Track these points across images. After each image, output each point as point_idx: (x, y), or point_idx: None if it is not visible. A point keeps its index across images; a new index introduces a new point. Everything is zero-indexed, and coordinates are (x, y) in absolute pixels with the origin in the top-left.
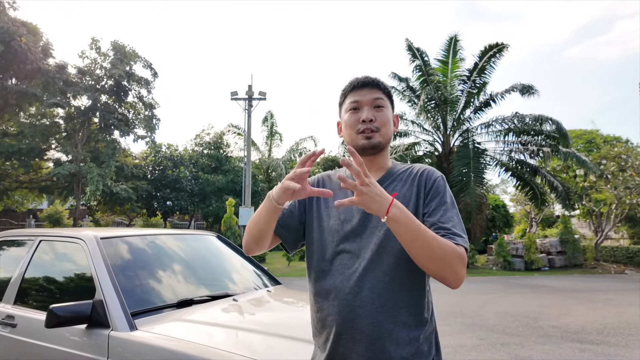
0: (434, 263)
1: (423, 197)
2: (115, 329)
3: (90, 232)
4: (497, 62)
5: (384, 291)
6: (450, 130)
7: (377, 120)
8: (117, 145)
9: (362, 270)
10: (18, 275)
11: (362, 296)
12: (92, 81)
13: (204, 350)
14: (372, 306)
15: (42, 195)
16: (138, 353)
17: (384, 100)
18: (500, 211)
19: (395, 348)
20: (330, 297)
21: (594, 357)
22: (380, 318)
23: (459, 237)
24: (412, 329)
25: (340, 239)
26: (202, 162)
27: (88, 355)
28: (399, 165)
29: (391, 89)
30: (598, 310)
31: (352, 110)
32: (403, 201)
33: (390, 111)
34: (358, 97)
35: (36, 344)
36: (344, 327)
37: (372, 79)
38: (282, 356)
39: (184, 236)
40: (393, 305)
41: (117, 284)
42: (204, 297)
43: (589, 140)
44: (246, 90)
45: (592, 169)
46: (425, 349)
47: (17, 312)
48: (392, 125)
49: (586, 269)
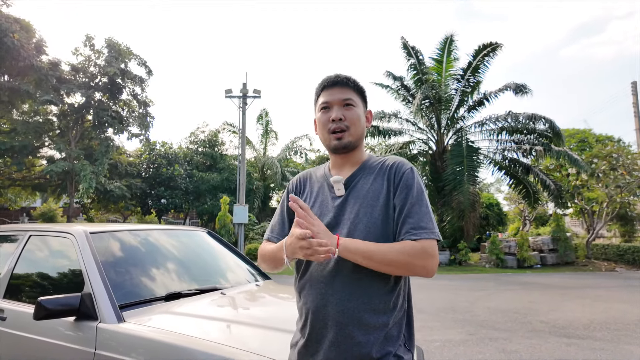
0: (398, 269)
1: (393, 190)
2: (103, 321)
3: (79, 227)
4: (491, 62)
5: (354, 280)
6: (445, 128)
7: (346, 119)
8: (110, 143)
9: (335, 261)
10: (8, 269)
11: (334, 285)
12: (85, 78)
13: (191, 341)
14: (343, 294)
15: (36, 193)
16: (125, 344)
17: (352, 99)
18: (494, 209)
19: (363, 333)
20: (307, 287)
21: (580, 351)
22: (349, 305)
23: (421, 231)
24: (380, 315)
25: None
26: (197, 160)
27: (76, 347)
28: (373, 158)
29: (385, 87)
30: (586, 306)
31: (323, 109)
32: (373, 195)
33: (361, 109)
34: (328, 96)
35: (25, 336)
36: (317, 315)
37: (342, 77)
38: (267, 346)
39: (175, 232)
40: (363, 293)
41: (105, 277)
42: (192, 291)
43: (581, 139)
44: (240, 88)
45: (584, 168)
46: (395, 333)
47: (7, 305)
48: (364, 122)
49: (578, 266)
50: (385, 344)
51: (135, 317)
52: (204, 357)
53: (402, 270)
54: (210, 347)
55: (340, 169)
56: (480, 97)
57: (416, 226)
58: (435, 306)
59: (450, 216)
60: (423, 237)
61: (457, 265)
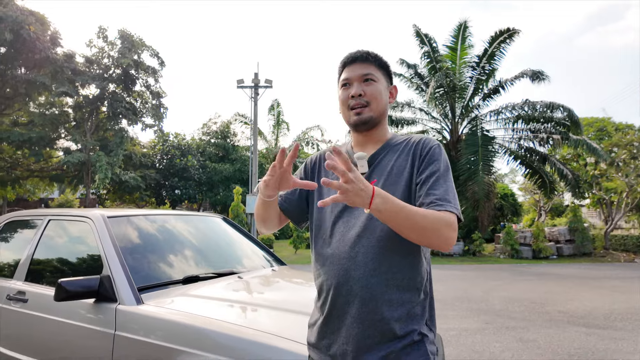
0: (422, 236)
1: (417, 165)
2: (122, 303)
3: (97, 212)
4: (507, 48)
5: (377, 255)
6: (459, 117)
7: (366, 95)
8: (125, 134)
9: (357, 236)
10: (28, 253)
11: (357, 261)
12: (99, 70)
13: (209, 322)
14: (366, 269)
15: (53, 184)
16: (145, 325)
17: (373, 74)
18: (509, 200)
19: (387, 309)
20: (327, 263)
21: (600, 340)
22: (373, 281)
23: (447, 204)
24: (404, 291)
25: (339, 210)
26: (210, 151)
27: (96, 328)
28: (397, 137)
29: (398, 75)
30: (606, 296)
31: (344, 86)
32: (397, 171)
33: (383, 84)
34: (348, 73)
35: (46, 317)
36: (339, 290)
37: (362, 52)
38: (284, 328)
39: (190, 217)
40: (386, 269)
41: (123, 260)
42: (209, 274)
43: (600, 128)
44: (252, 78)
45: (604, 157)
46: (419, 312)
47: (28, 288)
48: (387, 97)
49: (595, 257)
50: (409, 321)
51: (154, 300)
52: (223, 338)
53: (426, 234)
54: (229, 329)
55: (362, 147)
56: (496, 84)
57: (442, 198)
58: (450, 295)
59: (464, 206)
60: (448, 209)
61: (471, 255)
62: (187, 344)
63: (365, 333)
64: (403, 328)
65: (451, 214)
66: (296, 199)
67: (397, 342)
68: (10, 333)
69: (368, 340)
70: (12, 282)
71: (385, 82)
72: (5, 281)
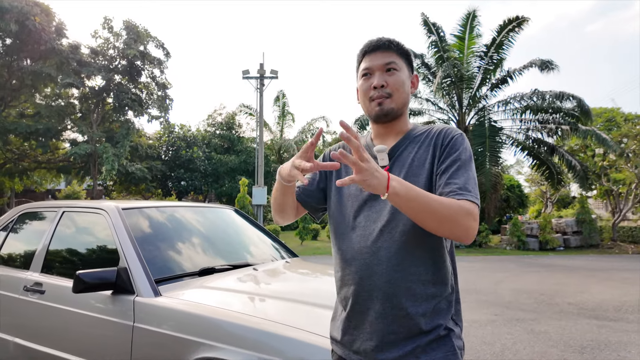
0: (442, 225)
1: (438, 156)
2: (140, 295)
3: (112, 203)
4: (516, 37)
5: (400, 250)
6: (466, 108)
7: (388, 86)
8: (131, 125)
9: (379, 231)
10: (44, 244)
11: (379, 255)
12: (105, 61)
13: (229, 315)
14: (389, 264)
15: (60, 175)
16: (164, 317)
17: (396, 63)
18: (515, 191)
19: (412, 304)
20: (349, 257)
21: (612, 333)
22: (396, 276)
23: (467, 193)
24: (429, 286)
25: (360, 204)
26: (215, 142)
27: (115, 320)
28: (418, 128)
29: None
30: (615, 288)
31: (365, 76)
32: (418, 163)
33: (406, 73)
34: (369, 62)
35: (64, 309)
36: (362, 286)
37: (384, 41)
38: (300, 320)
39: (202, 209)
40: (410, 264)
41: (140, 252)
42: (224, 266)
43: (608, 118)
44: (258, 69)
45: (613, 148)
46: (444, 307)
47: (45, 279)
48: (409, 87)
49: (603, 249)
50: (435, 316)
51: (172, 292)
52: (243, 330)
53: (446, 223)
54: (249, 321)
55: (383, 139)
56: (504, 74)
57: (462, 187)
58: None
59: None
60: (469, 198)
61: (477, 247)
62: (207, 336)
63: (390, 329)
64: (429, 323)
65: (471, 204)
66: (314, 190)
67: (422, 337)
68: (28, 324)
69: (392, 335)
70: (28, 273)
71: (407, 71)
72: (22, 272)
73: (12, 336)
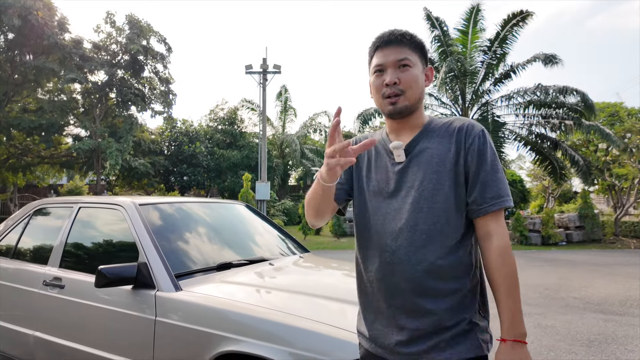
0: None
1: (463, 155)
2: (161, 290)
3: (128, 199)
4: (520, 32)
5: (420, 248)
6: (469, 103)
7: (401, 83)
8: (134, 120)
9: (399, 229)
10: (61, 240)
11: (400, 253)
12: (108, 56)
13: (250, 309)
14: (409, 263)
15: (63, 170)
16: (186, 312)
17: (409, 59)
18: (517, 186)
19: (433, 301)
20: (371, 255)
21: (619, 327)
22: (417, 274)
23: (499, 200)
24: (450, 281)
25: (380, 202)
26: (217, 137)
27: (136, 314)
28: (435, 121)
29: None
30: (619, 283)
31: (377, 72)
32: (439, 159)
33: (419, 67)
34: (382, 58)
35: (85, 303)
36: (384, 283)
37: (397, 35)
38: (319, 313)
39: (215, 204)
40: (431, 261)
41: (159, 247)
42: (242, 261)
43: (611, 113)
44: (261, 64)
45: (617, 143)
46: (468, 300)
47: (64, 274)
48: (423, 82)
49: (605, 244)
50: (459, 310)
51: (192, 286)
52: (267, 325)
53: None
54: (272, 315)
55: (398, 134)
56: (507, 69)
57: (495, 195)
58: None
59: None
60: (502, 206)
61: None
62: (230, 330)
63: (414, 325)
64: (452, 318)
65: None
66: (346, 187)
67: (446, 332)
68: (49, 318)
69: (416, 331)
70: (47, 268)
71: (421, 65)
72: (40, 267)
73: (32, 330)
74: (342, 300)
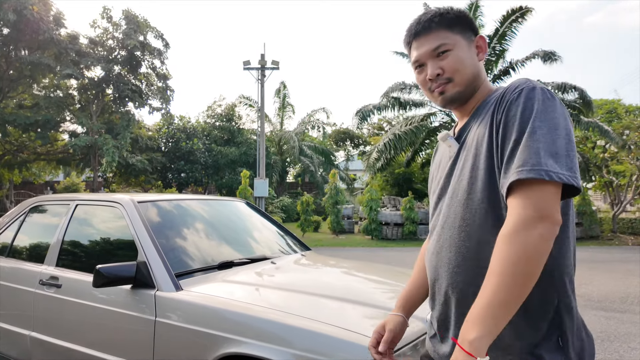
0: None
1: (495, 131)
2: (161, 289)
3: (126, 196)
4: (519, 28)
5: (461, 250)
6: None
7: (445, 71)
8: (131, 116)
9: (440, 229)
10: (57, 239)
11: (441, 256)
12: (104, 52)
13: (253, 309)
14: (449, 267)
15: (59, 167)
16: (187, 312)
17: (445, 43)
18: None
19: None
20: (427, 259)
21: (621, 324)
22: (458, 279)
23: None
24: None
25: (434, 203)
26: (215, 134)
27: (136, 314)
28: (491, 96)
29: (407, 56)
30: (619, 280)
31: (418, 68)
32: (477, 142)
33: (463, 46)
34: (416, 52)
35: (83, 303)
36: (434, 288)
37: (423, 22)
38: (329, 315)
39: (215, 202)
40: (475, 265)
41: (158, 246)
42: (243, 260)
43: (609, 110)
44: (259, 60)
45: (615, 140)
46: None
47: (60, 273)
48: (474, 57)
49: (603, 240)
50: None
51: (193, 286)
52: (269, 325)
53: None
54: (270, 315)
55: (462, 122)
56: (507, 65)
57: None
58: None
59: None
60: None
61: None
62: (232, 332)
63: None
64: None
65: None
66: None
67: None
68: (46, 318)
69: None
70: (43, 267)
71: (464, 40)
72: (37, 266)
73: (28, 330)
74: (346, 300)
